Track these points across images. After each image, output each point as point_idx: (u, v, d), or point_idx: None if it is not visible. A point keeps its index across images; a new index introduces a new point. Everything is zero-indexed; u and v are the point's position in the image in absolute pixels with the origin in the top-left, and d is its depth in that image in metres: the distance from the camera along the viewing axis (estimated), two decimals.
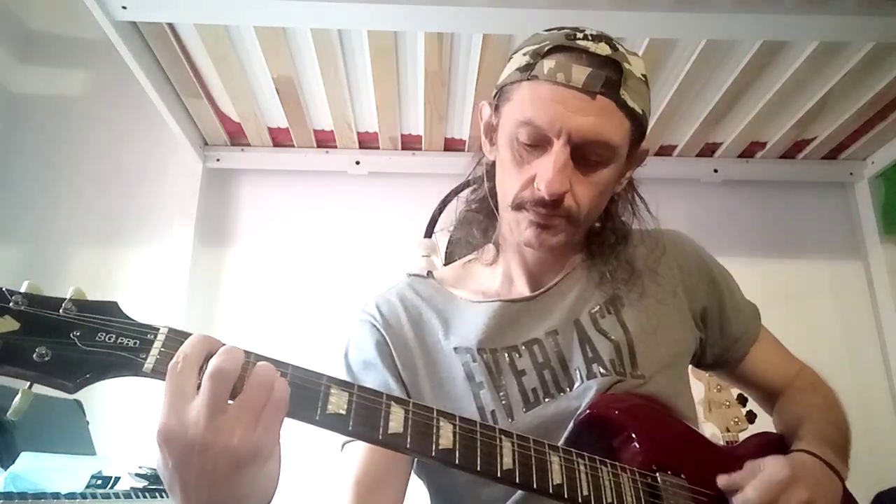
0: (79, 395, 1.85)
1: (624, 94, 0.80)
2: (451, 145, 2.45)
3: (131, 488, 1.60)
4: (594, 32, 0.83)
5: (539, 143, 0.82)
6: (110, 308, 0.59)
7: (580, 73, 0.79)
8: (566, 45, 0.81)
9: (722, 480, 0.80)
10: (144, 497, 1.56)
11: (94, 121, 2.45)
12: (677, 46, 1.91)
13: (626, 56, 0.82)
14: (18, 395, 0.54)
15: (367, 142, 2.43)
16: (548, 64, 0.80)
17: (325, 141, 2.43)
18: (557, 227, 0.85)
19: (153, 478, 1.68)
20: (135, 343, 0.58)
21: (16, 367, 0.54)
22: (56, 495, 1.33)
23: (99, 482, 1.57)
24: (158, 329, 0.59)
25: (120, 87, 2.35)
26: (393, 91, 2.10)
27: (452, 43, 1.90)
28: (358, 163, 2.45)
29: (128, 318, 0.59)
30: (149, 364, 0.57)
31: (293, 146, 2.43)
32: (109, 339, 0.57)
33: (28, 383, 0.56)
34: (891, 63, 1.94)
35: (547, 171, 0.80)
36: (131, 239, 2.36)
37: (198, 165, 2.41)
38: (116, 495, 1.50)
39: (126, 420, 2.06)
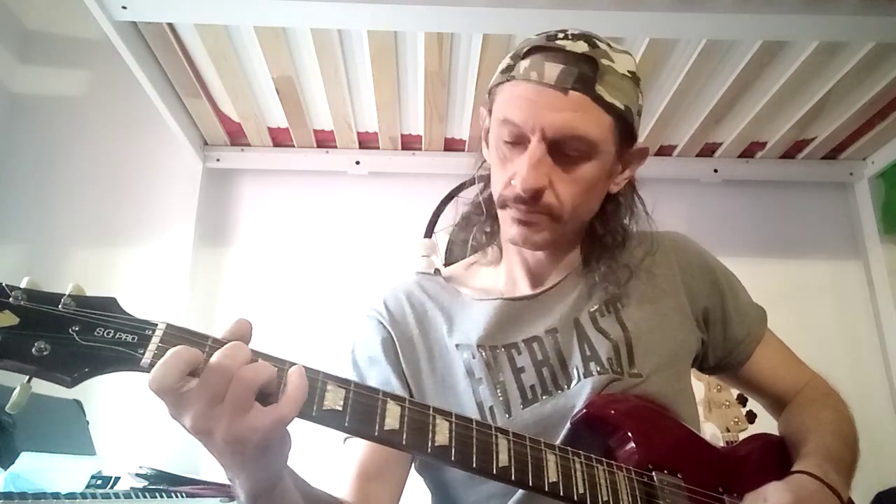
0: (79, 395, 1.87)
1: (600, 89, 0.81)
2: (451, 145, 2.45)
3: (131, 488, 1.60)
4: (576, 32, 0.85)
5: (519, 142, 0.83)
6: (109, 304, 0.59)
7: (552, 70, 0.80)
8: (543, 46, 0.83)
9: None
10: (144, 497, 1.55)
11: (94, 121, 2.45)
12: (677, 46, 1.91)
13: (607, 53, 0.83)
14: (17, 389, 0.54)
15: (367, 142, 2.44)
16: (524, 64, 0.83)
17: (325, 141, 2.43)
18: (539, 224, 0.86)
19: (153, 478, 1.68)
20: (133, 338, 0.58)
21: (15, 361, 0.54)
22: (56, 495, 1.33)
23: (99, 482, 1.57)
24: (156, 325, 0.59)
25: (120, 87, 2.35)
26: (393, 91, 2.10)
27: (452, 43, 1.90)
28: (358, 163, 2.45)
29: (126, 313, 0.59)
30: (146, 359, 0.57)
31: (293, 146, 2.44)
32: (108, 335, 0.57)
33: (27, 377, 0.56)
34: (891, 63, 1.94)
35: (522, 167, 0.81)
36: (131, 239, 2.36)
37: (198, 165, 2.41)
38: (116, 495, 1.49)
39: (126, 420, 2.06)
